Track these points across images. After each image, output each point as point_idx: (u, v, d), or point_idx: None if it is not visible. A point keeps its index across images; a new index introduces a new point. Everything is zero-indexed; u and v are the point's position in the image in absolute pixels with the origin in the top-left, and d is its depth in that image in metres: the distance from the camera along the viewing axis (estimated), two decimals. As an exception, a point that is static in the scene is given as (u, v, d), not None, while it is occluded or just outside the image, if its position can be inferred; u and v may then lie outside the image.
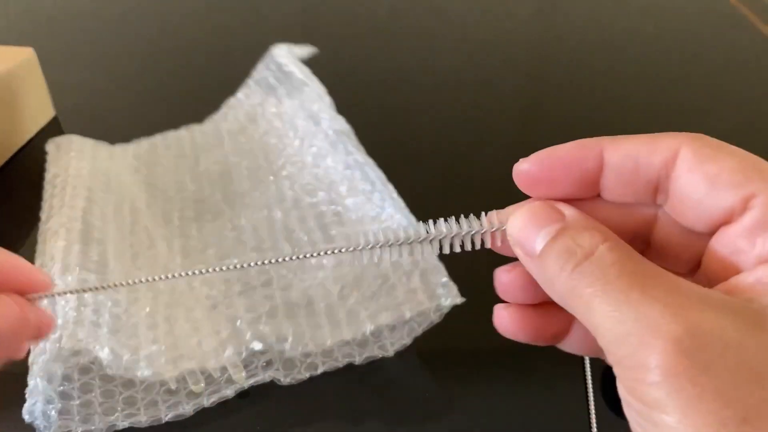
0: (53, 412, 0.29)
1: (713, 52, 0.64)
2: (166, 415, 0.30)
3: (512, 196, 0.44)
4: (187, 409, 0.30)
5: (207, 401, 0.31)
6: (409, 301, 0.33)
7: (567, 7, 0.73)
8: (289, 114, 0.48)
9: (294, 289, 0.35)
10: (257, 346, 0.31)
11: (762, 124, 0.54)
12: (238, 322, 0.33)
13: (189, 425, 0.31)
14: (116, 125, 0.51)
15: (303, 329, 0.33)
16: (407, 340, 0.33)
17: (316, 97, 0.45)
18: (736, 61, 0.63)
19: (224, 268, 0.23)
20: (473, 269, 0.40)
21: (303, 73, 0.48)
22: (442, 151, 0.50)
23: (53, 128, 0.50)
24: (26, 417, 0.28)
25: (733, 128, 0.53)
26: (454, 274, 0.34)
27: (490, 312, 0.37)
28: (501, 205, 0.23)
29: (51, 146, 0.43)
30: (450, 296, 0.32)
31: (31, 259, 0.35)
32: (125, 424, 0.30)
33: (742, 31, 0.67)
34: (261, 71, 0.52)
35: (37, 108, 0.50)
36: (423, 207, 0.37)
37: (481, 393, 0.33)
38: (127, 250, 0.36)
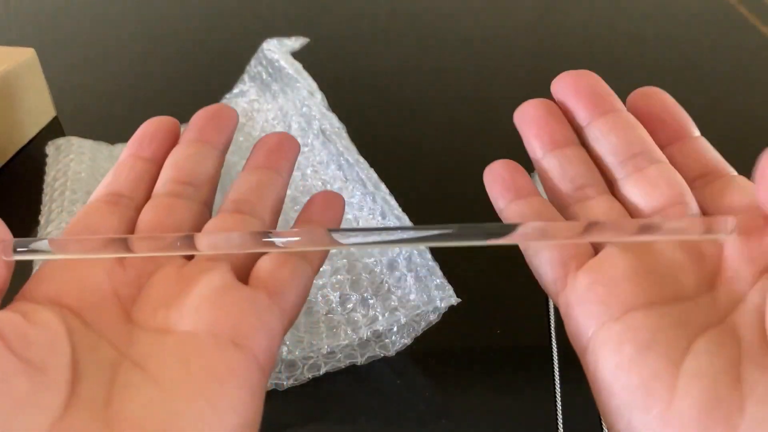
0: None
1: (712, 52, 0.64)
2: None
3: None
4: None
5: None
6: (404, 306, 0.33)
7: (566, 8, 0.73)
8: (283, 111, 0.48)
9: None
10: None
11: (761, 125, 0.54)
12: None
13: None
14: (117, 125, 0.52)
15: (301, 335, 0.33)
16: (407, 340, 0.33)
17: (308, 94, 0.45)
18: (735, 62, 0.62)
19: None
20: (470, 270, 0.40)
21: (294, 69, 0.48)
22: (438, 150, 0.50)
23: (54, 128, 0.51)
24: None
25: (733, 129, 0.53)
26: (449, 275, 0.34)
27: (489, 311, 0.38)
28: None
29: (50, 148, 0.44)
30: (445, 297, 0.33)
31: (29, 263, 0.35)
32: None
33: (742, 32, 0.67)
34: (255, 66, 0.52)
35: (38, 108, 0.50)
36: (417, 208, 0.37)
37: (482, 393, 0.34)
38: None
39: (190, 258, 0.22)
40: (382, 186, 0.39)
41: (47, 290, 0.20)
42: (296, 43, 0.52)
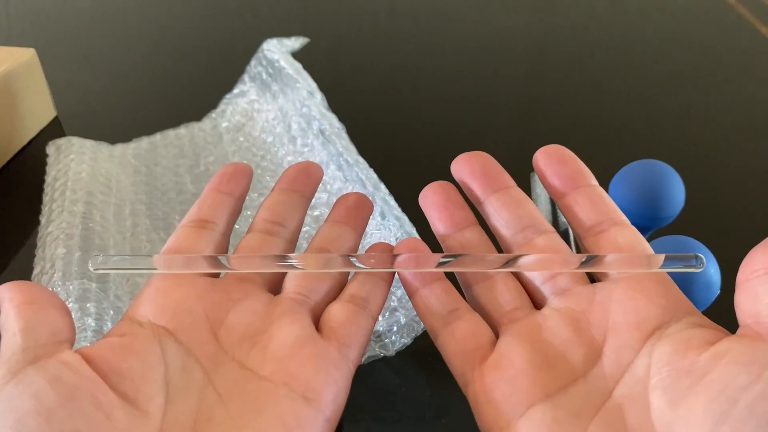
0: None
1: (711, 52, 0.64)
2: None
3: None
4: None
5: None
6: (404, 306, 0.33)
7: (565, 8, 0.73)
8: (283, 111, 0.48)
9: None
10: None
11: (760, 125, 0.54)
12: None
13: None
14: (117, 125, 0.52)
15: None
16: (407, 340, 0.33)
17: (308, 94, 0.46)
18: (734, 62, 0.63)
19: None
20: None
21: (294, 69, 0.48)
22: (437, 150, 0.50)
23: (54, 128, 0.51)
24: None
25: (732, 129, 0.53)
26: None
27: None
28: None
29: (51, 148, 0.44)
30: None
31: (30, 263, 0.35)
32: None
33: (741, 32, 0.67)
34: (255, 67, 0.52)
35: (39, 108, 0.50)
36: (417, 208, 0.37)
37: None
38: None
39: (275, 292, 0.25)
40: (382, 186, 0.39)
41: (147, 311, 0.22)
42: (296, 43, 0.52)
